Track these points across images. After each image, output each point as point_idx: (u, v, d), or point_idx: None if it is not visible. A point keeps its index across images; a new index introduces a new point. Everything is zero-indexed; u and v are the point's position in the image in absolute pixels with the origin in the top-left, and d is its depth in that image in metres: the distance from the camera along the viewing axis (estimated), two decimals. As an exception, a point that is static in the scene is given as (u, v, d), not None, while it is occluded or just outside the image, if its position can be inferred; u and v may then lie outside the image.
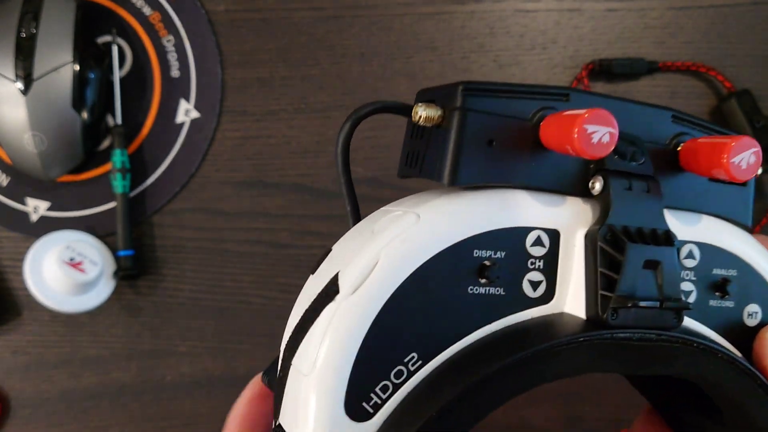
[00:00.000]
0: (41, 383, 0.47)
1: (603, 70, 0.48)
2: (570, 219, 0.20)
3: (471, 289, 0.19)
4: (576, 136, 0.19)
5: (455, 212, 0.20)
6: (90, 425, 0.47)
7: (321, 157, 0.48)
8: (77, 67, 0.44)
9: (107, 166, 0.47)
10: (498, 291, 0.20)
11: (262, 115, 0.48)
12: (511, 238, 0.20)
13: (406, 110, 0.22)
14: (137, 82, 0.47)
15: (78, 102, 0.44)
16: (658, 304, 0.20)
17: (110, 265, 0.46)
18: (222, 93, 0.48)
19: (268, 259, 0.47)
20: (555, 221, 0.20)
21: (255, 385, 0.26)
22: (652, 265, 0.20)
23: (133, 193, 0.47)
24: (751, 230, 0.24)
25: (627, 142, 0.21)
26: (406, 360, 0.19)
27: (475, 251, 0.19)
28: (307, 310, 0.20)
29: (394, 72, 0.48)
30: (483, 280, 0.19)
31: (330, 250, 0.21)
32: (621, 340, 0.19)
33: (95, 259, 0.44)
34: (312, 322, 0.19)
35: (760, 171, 0.23)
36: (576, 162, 0.21)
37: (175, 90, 0.48)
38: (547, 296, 0.20)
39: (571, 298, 0.21)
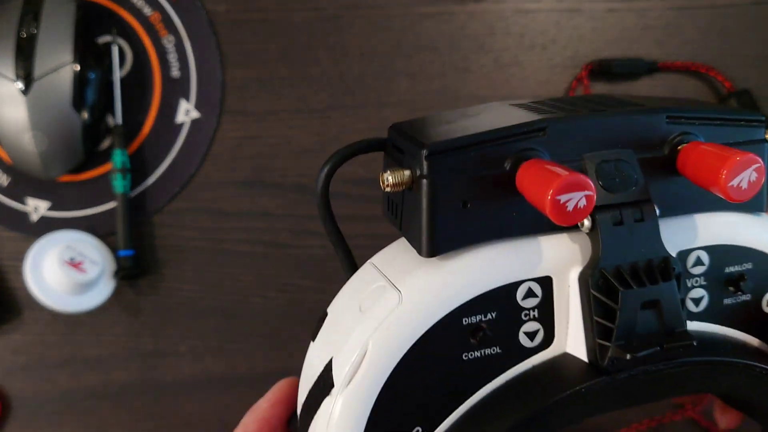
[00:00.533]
0: (41, 383, 0.47)
1: (603, 70, 0.48)
2: (560, 261, 0.20)
3: (466, 356, 0.19)
4: (549, 207, 0.17)
5: (436, 287, 0.19)
6: (90, 425, 0.47)
7: (321, 157, 0.48)
8: (77, 67, 0.44)
9: (107, 166, 0.47)
10: (494, 350, 0.19)
11: (262, 115, 0.48)
12: (500, 296, 0.19)
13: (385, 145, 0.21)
14: (137, 82, 0.47)
15: (78, 102, 0.44)
16: (658, 349, 0.19)
17: (110, 265, 0.46)
18: (222, 93, 0.48)
19: (268, 259, 0.47)
20: (544, 268, 0.19)
21: (279, 389, 0.26)
22: (650, 305, 0.19)
23: (133, 193, 0.47)
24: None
25: (615, 167, 0.19)
26: None
27: (464, 320, 0.19)
28: (310, 393, 0.20)
29: (394, 72, 0.48)
30: (476, 344, 0.19)
31: (326, 314, 0.21)
32: (625, 380, 0.19)
33: (95, 258, 0.44)
34: (315, 411, 0.20)
35: None
36: None
37: (175, 90, 0.48)
38: (547, 341, 0.20)
39: (572, 339, 0.20)
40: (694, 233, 0.21)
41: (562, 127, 0.19)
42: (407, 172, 0.19)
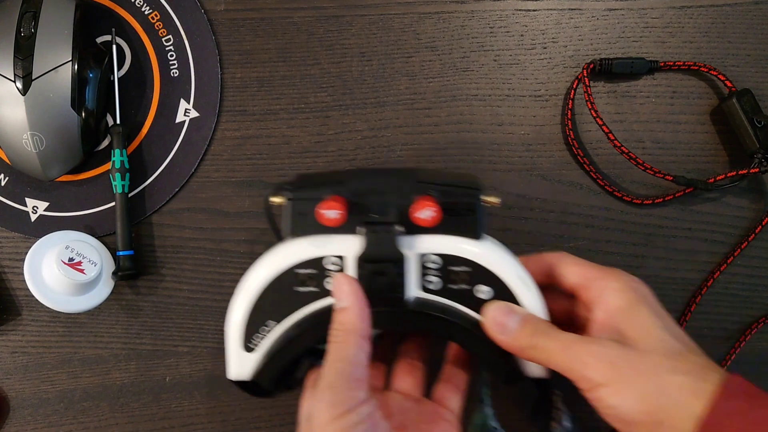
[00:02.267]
0: (41, 383, 0.47)
1: (603, 69, 0.47)
2: (348, 249, 0.36)
3: (296, 289, 0.36)
4: (320, 217, 0.35)
5: (286, 251, 0.36)
6: (90, 425, 0.47)
7: (321, 157, 0.48)
8: (76, 67, 0.44)
9: (106, 166, 0.47)
10: (312, 288, 0.36)
11: (261, 114, 0.48)
12: (316, 261, 0.36)
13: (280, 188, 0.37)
14: (136, 81, 0.47)
15: (77, 102, 0.44)
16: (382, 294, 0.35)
17: (109, 265, 0.46)
18: (221, 92, 0.48)
19: (268, 259, 0.47)
20: (340, 251, 0.36)
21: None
22: (380, 274, 0.35)
23: (132, 193, 0.47)
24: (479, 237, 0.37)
25: (377, 203, 0.35)
26: (267, 323, 0.36)
27: (296, 270, 0.36)
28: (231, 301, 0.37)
29: (394, 71, 0.48)
30: (302, 284, 0.36)
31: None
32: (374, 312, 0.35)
33: (94, 259, 0.44)
34: (233, 304, 0.37)
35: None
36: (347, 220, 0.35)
37: (174, 90, 0.48)
38: None
39: None
40: (430, 245, 0.36)
41: (355, 181, 0.36)
42: (283, 199, 0.37)
